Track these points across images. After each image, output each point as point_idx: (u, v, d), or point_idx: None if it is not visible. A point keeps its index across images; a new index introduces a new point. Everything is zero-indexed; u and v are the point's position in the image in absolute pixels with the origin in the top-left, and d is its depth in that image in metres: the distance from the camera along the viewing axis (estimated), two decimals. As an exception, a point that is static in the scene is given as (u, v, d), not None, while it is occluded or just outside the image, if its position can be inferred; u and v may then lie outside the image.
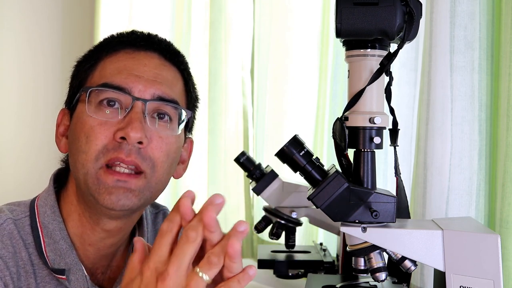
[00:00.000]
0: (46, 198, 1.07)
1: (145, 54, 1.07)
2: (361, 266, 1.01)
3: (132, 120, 0.99)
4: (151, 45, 1.09)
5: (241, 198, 2.04)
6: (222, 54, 2.05)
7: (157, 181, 1.04)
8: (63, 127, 1.10)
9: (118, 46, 1.08)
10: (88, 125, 1.01)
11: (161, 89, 1.04)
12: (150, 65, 1.06)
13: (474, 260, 0.94)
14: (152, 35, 1.12)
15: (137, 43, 1.08)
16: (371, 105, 0.96)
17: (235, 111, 2.05)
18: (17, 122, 2.91)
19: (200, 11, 2.24)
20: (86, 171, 1.00)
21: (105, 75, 1.04)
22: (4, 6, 2.85)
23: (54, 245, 1.03)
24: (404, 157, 1.47)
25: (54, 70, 2.90)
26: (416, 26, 0.94)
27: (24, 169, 2.87)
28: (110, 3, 2.60)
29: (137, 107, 1.01)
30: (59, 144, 1.11)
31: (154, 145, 1.02)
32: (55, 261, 1.02)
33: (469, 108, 1.24)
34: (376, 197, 0.94)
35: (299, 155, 0.97)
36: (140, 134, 0.99)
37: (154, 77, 1.05)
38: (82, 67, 1.09)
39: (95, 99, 1.03)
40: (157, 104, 1.04)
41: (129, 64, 1.05)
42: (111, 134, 1.00)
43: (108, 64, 1.06)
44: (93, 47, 1.12)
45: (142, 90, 1.03)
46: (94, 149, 1.00)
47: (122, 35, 1.12)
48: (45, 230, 1.04)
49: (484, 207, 1.25)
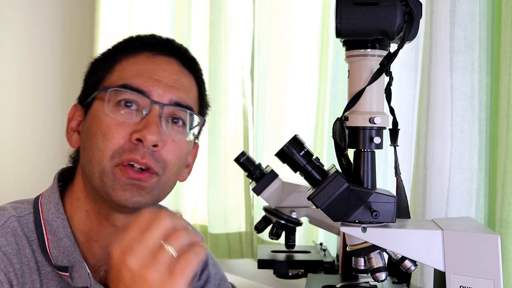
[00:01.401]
0: (50, 196, 1.09)
1: (165, 59, 1.10)
2: (361, 266, 1.01)
3: (150, 123, 1.03)
4: (171, 51, 1.12)
5: (241, 198, 2.04)
6: (222, 54, 2.05)
7: (166, 181, 1.07)
8: (75, 122, 1.12)
9: (139, 48, 1.11)
10: (105, 123, 1.04)
11: (178, 95, 1.07)
12: (170, 70, 1.09)
13: (474, 260, 0.94)
14: (171, 41, 1.16)
15: (157, 47, 1.11)
16: (371, 105, 0.96)
17: (235, 111, 2.05)
18: (17, 122, 2.91)
19: (200, 11, 2.24)
20: (102, 168, 1.03)
21: (124, 76, 1.07)
22: (4, 6, 2.85)
23: (58, 242, 1.05)
24: (404, 157, 1.47)
25: (54, 70, 2.90)
26: (416, 26, 0.94)
27: (24, 169, 2.87)
28: (110, 3, 2.60)
29: (155, 110, 1.04)
30: (70, 139, 1.13)
31: (167, 148, 1.05)
32: (58, 258, 1.04)
33: (469, 108, 1.24)
34: (376, 197, 0.94)
35: (299, 155, 0.97)
36: (157, 137, 1.02)
37: (173, 82, 1.08)
38: (100, 66, 1.12)
39: (114, 98, 1.05)
40: (173, 109, 1.07)
41: (150, 67, 1.08)
42: (127, 135, 1.03)
43: (128, 65, 1.09)
44: (112, 47, 1.15)
45: (160, 94, 1.06)
46: (110, 148, 1.03)
47: (143, 37, 1.14)
48: (48, 227, 1.06)
49: (484, 207, 1.25)
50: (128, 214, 1.08)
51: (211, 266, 1.24)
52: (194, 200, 2.29)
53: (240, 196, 2.04)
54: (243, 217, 2.05)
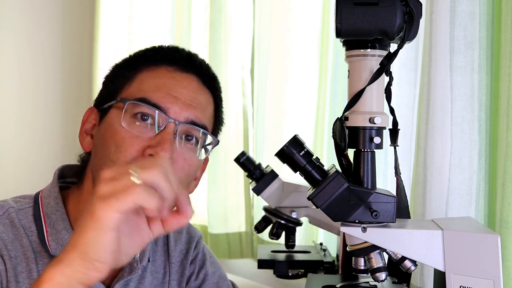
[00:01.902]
0: (50, 190, 1.11)
1: (185, 76, 1.10)
2: (361, 266, 1.01)
3: (164, 140, 1.02)
4: (192, 68, 1.12)
5: (241, 198, 2.04)
6: (222, 54, 2.05)
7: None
8: (89, 125, 1.13)
9: (160, 62, 1.10)
10: (120, 135, 1.04)
11: (195, 114, 1.07)
12: (189, 87, 1.09)
13: (474, 260, 0.94)
14: (193, 56, 1.15)
15: (179, 62, 1.11)
16: (371, 105, 0.96)
17: (235, 111, 2.05)
18: (17, 122, 2.91)
19: (200, 11, 2.24)
20: None
21: (143, 89, 1.07)
22: (4, 6, 2.85)
23: (56, 234, 1.06)
24: (404, 157, 1.47)
25: (54, 70, 2.90)
26: (416, 26, 0.94)
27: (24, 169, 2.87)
28: (110, 3, 2.60)
29: (170, 127, 1.04)
30: (83, 141, 1.13)
31: (177, 166, 1.05)
32: (57, 250, 1.05)
33: (469, 108, 1.24)
34: (376, 197, 0.94)
35: (299, 155, 0.97)
36: (169, 155, 1.02)
37: (191, 100, 1.07)
38: (120, 73, 1.11)
39: (131, 110, 1.05)
40: (188, 128, 1.07)
41: (169, 83, 1.07)
42: (141, 149, 1.03)
43: (147, 77, 1.08)
44: (133, 55, 1.14)
45: (177, 112, 1.05)
46: (122, 160, 1.03)
47: (164, 50, 1.14)
48: (48, 219, 1.07)
49: (484, 207, 1.25)
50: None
51: (209, 264, 1.25)
52: (194, 200, 2.29)
53: (240, 196, 2.04)
54: (243, 217, 2.05)
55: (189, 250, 1.23)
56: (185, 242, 1.24)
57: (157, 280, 1.18)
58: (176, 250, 1.22)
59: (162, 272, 1.19)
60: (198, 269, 1.23)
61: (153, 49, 1.15)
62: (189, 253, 1.23)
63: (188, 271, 1.22)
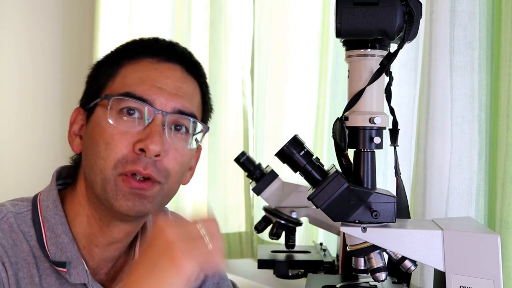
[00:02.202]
0: (48, 193, 1.09)
1: (168, 66, 1.09)
2: (361, 266, 1.01)
3: (153, 133, 1.02)
4: (174, 57, 1.10)
5: (241, 198, 2.04)
6: (222, 54, 2.05)
7: (169, 189, 1.07)
8: (77, 126, 1.11)
9: (141, 54, 1.09)
10: (108, 132, 1.03)
11: (182, 103, 1.06)
12: (173, 77, 1.08)
13: (474, 260, 0.94)
14: (175, 45, 1.14)
15: (160, 53, 1.09)
16: (371, 105, 0.96)
17: (235, 111, 2.05)
18: (17, 122, 2.91)
19: (200, 11, 2.23)
20: (104, 177, 1.02)
21: (127, 83, 1.06)
22: (4, 6, 2.85)
23: (56, 238, 1.05)
24: (404, 157, 1.47)
25: (54, 70, 2.90)
26: (416, 26, 0.94)
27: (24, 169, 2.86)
28: (110, 3, 2.60)
29: (158, 119, 1.03)
30: (72, 143, 1.12)
31: (170, 157, 1.04)
32: (56, 254, 1.04)
33: (469, 108, 1.24)
34: (376, 197, 0.94)
35: (299, 155, 0.97)
36: (159, 147, 1.01)
37: (176, 90, 1.06)
38: (103, 70, 1.10)
39: (116, 106, 1.04)
40: (176, 117, 1.06)
41: (152, 74, 1.06)
42: (130, 145, 1.02)
43: (131, 72, 1.07)
44: (114, 50, 1.13)
45: (163, 102, 1.04)
46: (113, 158, 1.02)
47: (145, 42, 1.13)
48: (47, 223, 1.06)
49: (484, 207, 1.25)
50: (129, 222, 1.08)
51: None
52: (194, 200, 2.29)
53: (240, 196, 2.04)
54: (243, 217, 2.05)
55: None
56: None
57: None
58: None
59: None
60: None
61: (133, 43, 1.13)
62: None
63: None
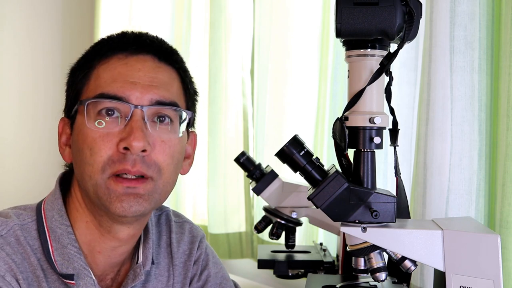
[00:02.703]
0: (53, 202, 1.07)
1: (138, 58, 1.06)
2: (361, 266, 1.01)
3: (133, 129, 0.99)
4: (143, 48, 1.07)
5: (241, 198, 2.04)
6: (222, 54, 2.05)
7: (164, 183, 1.04)
8: (65, 137, 1.10)
9: (110, 52, 1.06)
10: (90, 137, 1.01)
11: (159, 93, 1.03)
12: (144, 69, 1.05)
13: (474, 260, 0.94)
14: (144, 36, 1.10)
15: (128, 47, 1.06)
16: (371, 105, 0.96)
17: (235, 111, 2.05)
18: (17, 123, 2.91)
19: (200, 11, 2.24)
20: (95, 182, 1.01)
21: (100, 85, 1.04)
22: (4, 6, 2.85)
23: (62, 249, 1.03)
24: (404, 157, 1.47)
25: (54, 70, 2.90)
26: (416, 26, 0.94)
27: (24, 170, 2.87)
28: (110, 3, 2.60)
29: (137, 114, 1.01)
30: (63, 153, 1.10)
31: (157, 150, 1.02)
32: (63, 266, 1.02)
33: (469, 108, 1.24)
34: (376, 197, 0.94)
35: (299, 155, 0.97)
36: (143, 143, 0.99)
37: (150, 81, 1.04)
38: (76, 76, 1.08)
39: (94, 110, 1.02)
40: (156, 109, 1.03)
41: (123, 70, 1.04)
42: (114, 145, 1.00)
43: (102, 72, 1.05)
44: (85, 53, 1.11)
45: (139, 97, 1.02)
46: (99, 161, 1.00)
47: (112, 39, 1.10)
48: (52, 234, 1.04)
49: (484, 207, 1.25)
50: (130, 224, 1.06)
51: (212, 265, 1.23)
52: (194, 200, 2.29)
53: (240, 196, 2.04)
54: (243, 217, 2.05)
55: (192, 250, 1.20)
56: (188, 242, 1.21)
57: (161, 283, 1.15)
58: (179, 251, 1.19)
59: (166, 275, 1.17)
60: (201, 270, 1.21)
61: (101, 42, 1.10)
62: (192, 254, 1.20)
63: (191, 272, 1.19)
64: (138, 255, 1.12)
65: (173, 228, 1.20)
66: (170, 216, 1.21)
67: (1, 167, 2.85)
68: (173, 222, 1.21)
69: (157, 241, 1.18)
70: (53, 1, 2.95)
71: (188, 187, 2.26)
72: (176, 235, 1.20)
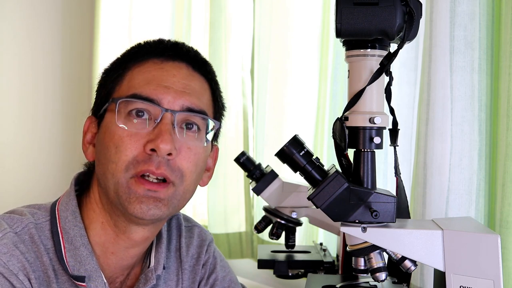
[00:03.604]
0: (68, 203, 1.07)
1: (173, 64, 1.08)
2: (361, 266, 1.01)
3: (162, 132, 1.00)
4: (179, 55, 1.09)
5: (241, 198, 2.04)
6: (222, 54, 2.05)
7: (184, 190, 1.05)
8: (90, 135, 1.10)
9: (146, 56, 1.08)
10: (118, 135, 1.02)
11: (190, 100, 1.05)
12: (179, 75, 1.06)
13: (474, 260, 0.94)
14: (180, 44, 1.13)
15: (165, 53, 1.09)
16: (371, 105, 0.96)
17: (235, 111, 2.05)
18: (17, 123, 2.91)
19: (200, 11, 2.24)
20: (116, 181, 1.01)
21: (133, 86, 1.05)
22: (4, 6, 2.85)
23: (75, 251, 1.04)
24: (404, 157, 1.47)
25: (54, 70, 2.90)
26: (416, 26, 0.94)
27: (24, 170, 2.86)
28: (110, 3, 2.60)
29: (167, 118, 1.02)
30: (86, 151, 1.11)
31: (182, 156, 1.03)
32: (75, 268, 1.03)
33: (469, 108, 1.25)
34: (376, 197, 0.94)
35: (299, 155, 0.97)
36: (170, 146, 1.00)
37: (183, 88, 1.05)
38: (110, 77, 1.09)
39: (124, 109, 1.03)
40: (185, 115, 1.04)
41: (158, 74, 1.05)
42: (141, 146, 1.01)
43: (136, 74, 1.07)
44: (120, 56, 1.12)
45: (171, 101, 1.03)
46: (124, 160, 1.01)
47: (150, 44, 1.12)
48: (65, 235, 1.04)
49: (484, 207, 1.25)
50: (146, 226, 1.06)
51: (219, 268, 1.22)
52: (194, 200, 2.29)
53: (240, 196, 2.04)
54: (243, 217, 2.05)
55: (200, 254, 1.20)
56: (197, 246, 1.21)
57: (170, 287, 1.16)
58: (188, 255, 1.19)
59: (175, 280, 1.17)
60: (209, 273, 1.21)
61: (138, 46, 1.12)
62: (201, 258, 1.20)
63: (199, 276, 1.20)
64: (150, 259, 1.12)
65: (183, 232, 1.21)
66: (181, 220, 1.21)
67: (1, 167, 2.85)
68: (183, 226, 1.21)
69: (167, 245, 1.18)
70: (53, 1, 2.95)
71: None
72: (185, 239, 1.20)
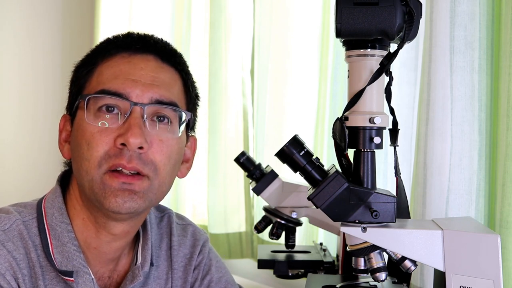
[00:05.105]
0: (54, 200, 1.08)
1: (141, 57, 1.07)
2: (361, 266, 1.01)
3: (131, 125, 1.00)
4: (147, 48, 1.08)
5: (241, 198, 2.04)
6: (222, 54, 2.05)
7: (160, 183, 1.04)
8: (65, 133, 1.11)
9: (114, 50, 1.08)
10: (89, 132, 1.02)
11: (159, 92, 1.04)
12: (147, 68, 1.06)
13: (474, 260, 0.94)
14: (148, 37, 1.11)
15: (132, 46, 1.08)
16: (371, 105, 0.96)
17: (235, 111, 2.05)
18: (17, 123, 2.91)
19: (200, 11, 2.24)
20: (91, 178, 1.01)
21: (102, 81, 1.04)
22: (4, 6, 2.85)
23: (62, 247, 1.04)
24: (404, 157, 1.47)
25: (54, 70, 2.90)
26: (416, 26, 0.94)
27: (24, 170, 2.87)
28: (110, 3, 2.60)
29: (136, 112, 1.01)
30: (62, 150, 1.11)
31: (154, 149, 1.02)
32: (63, 263, 1.03)
33: (469, 108, 1.25)
34: (376, 197, 0.94)
35: (299, 155, 0.97)
36: (140, 139, 0.99)
37: (151, 80, 1.05)
38: (80, 73, 1.09)
39: (94, 105, 1.03)
40: (155, 108, 1.04)
41: (126, 68, 1.05)
42: (111, 141, 1.01)
43: (105, 69, 1.06)
44: (90, 52, 1.12)
45: (139, 94, 1.03)
46: (96, 156, 1.00)
47: (118, 38, 1.11)
48: (52, 232, 1.05)
49: (484, 207, 1.25)
50: (124, 221, 1.06)
51: (215, 269, 1.22)
52: (194, 200, 2.29)
53: (240, 196, 2.04)
54: (243, 217, 2.05)
55: (193, 254, 1.20)
56: (190, 246, 1.20)
57: (159, 286, 1.15)
58: (179, 254, 1.19)
59: (165, 278, 1.16)
60: (203, 275, 1.20)
61: (106, 41, 1.12)
62: (193, 258, 1.19)
63: (192, 277, 1.19)
64: (137, 256, 1.12)
65: (174, 230, 1.20)
66: (172, 218, 1.21)
67: (1, 167, 2.85)
68: (174, 224, 1.21)
69: (158, 243, 1.18)
70: (53, 1, 2.95)
71: (188, 187, 2.26)
72: (177, 238, 1.20)
